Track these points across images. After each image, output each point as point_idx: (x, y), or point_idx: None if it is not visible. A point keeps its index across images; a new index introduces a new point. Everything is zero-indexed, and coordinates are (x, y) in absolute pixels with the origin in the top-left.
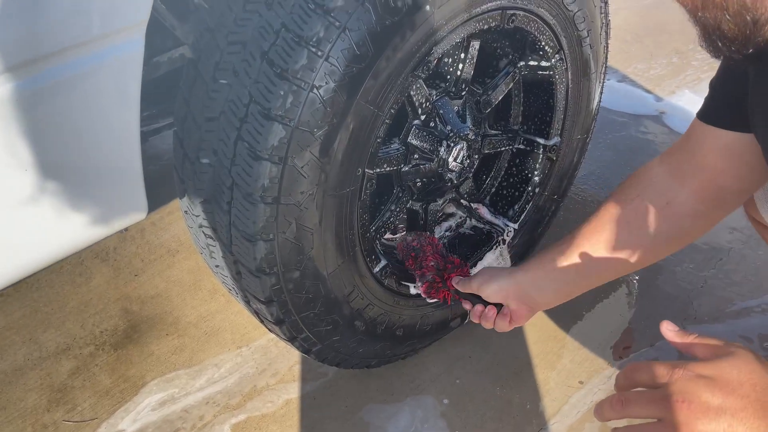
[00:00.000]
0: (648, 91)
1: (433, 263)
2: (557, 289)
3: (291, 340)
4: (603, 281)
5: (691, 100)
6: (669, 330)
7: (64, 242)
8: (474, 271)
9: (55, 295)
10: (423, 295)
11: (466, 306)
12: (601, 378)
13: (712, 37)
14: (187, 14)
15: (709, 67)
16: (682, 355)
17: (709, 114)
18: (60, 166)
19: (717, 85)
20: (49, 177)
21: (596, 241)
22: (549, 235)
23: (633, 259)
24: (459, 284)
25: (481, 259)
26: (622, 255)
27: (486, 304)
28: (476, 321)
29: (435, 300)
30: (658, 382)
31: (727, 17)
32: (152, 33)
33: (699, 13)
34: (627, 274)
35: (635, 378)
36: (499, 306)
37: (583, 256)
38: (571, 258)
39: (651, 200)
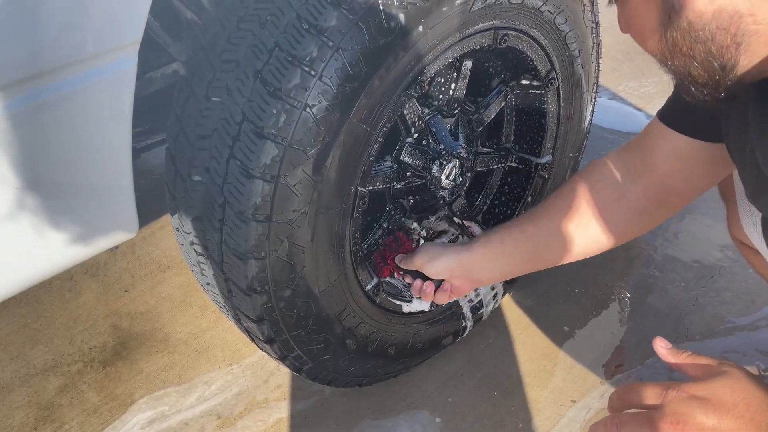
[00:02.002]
0: (639, 109)
1: (380, 248)
2: (501, 269)
3: (282, 358)
4: (546, 266)
5: None
6: (662, 347)
7: (52, 260)
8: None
9: (43, 311)
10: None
11: (407, 280)
12: (593, 396)
13: (684, 83)
14: (180, 31)
15: None
16: (673, 373)
17: (668, 116)
18: (50, 184)
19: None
20: (39, 194)
21: (545, 227)
22: None
23: (577, 248)
24: (402, 261)
25: None
26: (567, 243)
27: (425, 279)
28: (416, 295)
29: (385, 278)
30: (651, 403)
31: (696, 64)
32: (145, 49)
33: (669, 62)
34: (568, 262)
35: (628, 399)
36: (438, 281)
37: (530, 239)
38: (518, 240)
39: (604, 193)
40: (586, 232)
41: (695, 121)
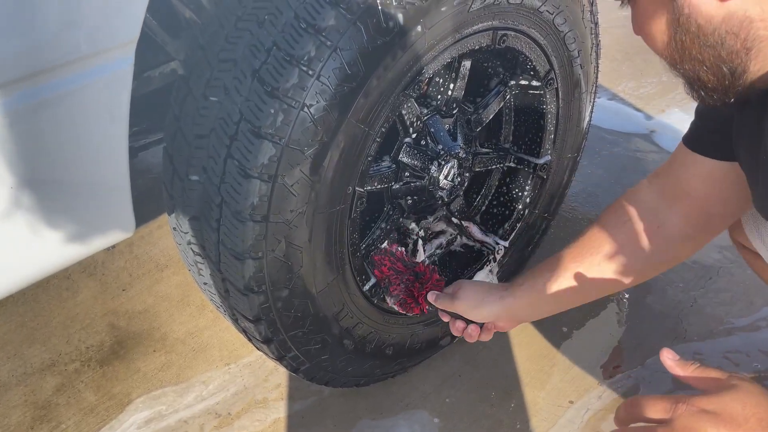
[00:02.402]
0: (638, 110)
1: (398, 281)
2: (548, 309)
3: (279, 359)
4: (592, 299)
5: (680, 118)
6: (669, 359)
7: (49, 259)
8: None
9: (40, 310)
10: (399, 310)
11: (444, 318)
12: (591, 397)
13: (694, 87)
14: (178, 30)
15: None
16: (674, 381)
17: (693, 141)
18: (46, 183)
19: (702, 113)
20: (36, 193)
21: (589, 264)
22: (539, 254)
23: (624, 280)
24: (438, 302)
25: (471, 277)
26: (613, 277)
27: (467, 320)
28: (457, 335)
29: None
30: (660, 417)
31: (705, 68)
32: (143, 47)
33: (678, 66)
34: (616, 292)
35: (637, 412)
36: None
37: (575, 278)
38: (562, 281)
39: (642, 223)
40: (629, 264)
41: (718, 143)
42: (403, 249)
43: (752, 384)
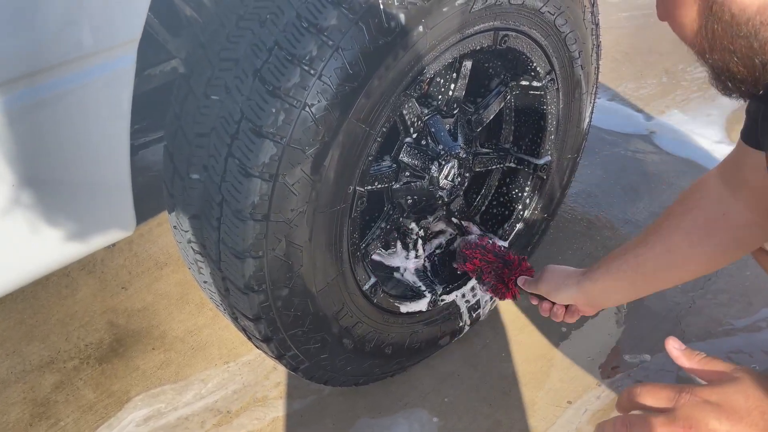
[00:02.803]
0: (638, 111)
1: (490, 270)
2: (623, 294)
3: (279, 357)
4: (666, 287)
5: (680, 119)
6: (675, 348)
7: (49, 258)
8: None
9: (40, 307)
10: (492, 295)
11: (533, 301)
12: (589, 398)
13: (721, 78)
14: (179, 28)
15: (698, 88)
16: (680, 371)
17: (745, 133)
18: (47, 181)
19: (750, 109)
20: (37, 192)
21: (660, 251)
22: (538, 254)
23: (695, 267)
24: (526, 285)
25: (471, 278)
26: (684, 263)
27: (553, 302)
28: (545, 315)
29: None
30: (662, 406)
31: (736, 59)
32: (144, 45)
33: (707, 56)
34: (692, 279)
35: (639, 400)
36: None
37: (647, 264)
38: (636, 267)
39: (708, 211)
40: (698, 251)
41: (762, 135)
42: (492, 240)
43: (757, 376)
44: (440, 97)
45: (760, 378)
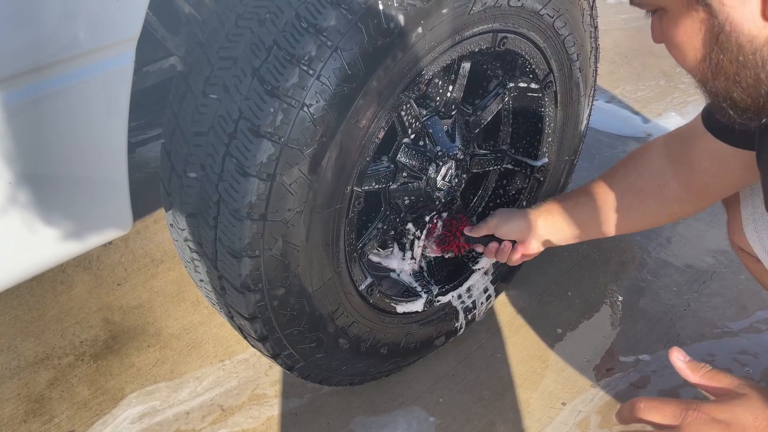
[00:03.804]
0: (635, 113)
1: (438, 222)
2: (567, 234)
3: (274, 356)
4: (608, 234)
5: (677, 122)
6: (679, 360)
7: (45, 255)
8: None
9: (35, 303)
10: (438, 253)
11: (478, 248)
12: (583, 399)
13: (722, 105)
14: (178, 26)
15: (695, 91)
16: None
17: (708, 120)
18: (45, 179)
19: None
20: (34, 189)
21: (597, 203)
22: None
23: (624, 225)
24: (473, 230)
25: (467, 279)
26: (615, 219)
27: (500, 242)
28: (492, 258)
29: (449, 253)
30: (669, 422)
31: (740, 90)
32: (142, 43)
33: (709, 84)
34: (630, 232)
35: (643, 416)
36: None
37: (584, 211)
38: (573, 210)
39: (645, 179)
40: (629, 212)
41: (730, 129)
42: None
43: (763, 393)
44: (438, 98)
45: (766, 393)
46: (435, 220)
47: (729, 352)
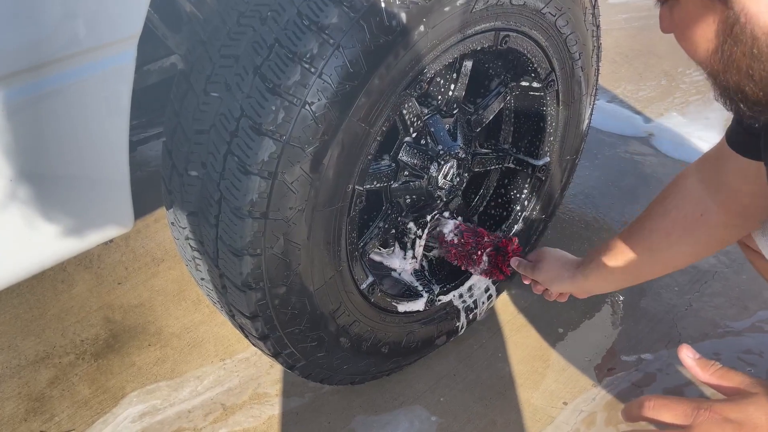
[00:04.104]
0: (637, 113)
1: (483, 256)
2: (615, 286)
3: (275, 355)
4: (649, 279)
5: (679, 122)
6: (688, 357)
7: (46, 253)
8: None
9: (35, 302)
10: (484, 277)
11: (525, 281)
12: (584, 398)
13: (732, 98)
14: (179, 24)
15: (697, 90)
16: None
17: (732, 138)
18: (46, 177)
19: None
20: (35, 187)
21: (642, 250)
22: None
23: (678, 262)
24: (522, 269)
25: (468, 277)
26: (666, 260)
27: None
28: (538, 293)
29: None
30: (680, 422)
31: (753, 83)
32: (143, 41)
33: (720, 76)
34: (683, 267)
35: (653, 415)
36: None
37: (633, 263)
38: (622, 263)
39: (686, 212)
40: (679, 249)
41: (752, 144)
42: (469, 224)
43: None
44: (440, 96)
45: None
46: (479, 253)
47: (734, 351)
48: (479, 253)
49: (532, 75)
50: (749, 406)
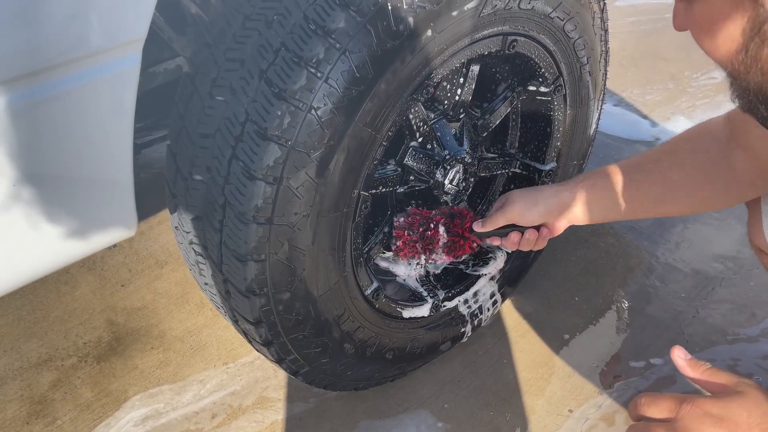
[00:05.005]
0: (643, 117)
1: (440, 227)
2: (603, 214)
3: (279, 361)
4: (648, 216)
5: (685, 126)
6: (680, 358)
7: (50, 257)
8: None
9: (38, 304)
10: (449, 260)
11: (495, 242)
12: (590, 406)
13: (751, 99)
14: (185, 27)
15: (704, 95)
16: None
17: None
18: (51, 180)
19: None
20: (39, 190)
21: (655, 181)
22: (540, 261)
23: (684, 207)
24: (486, 224)
25: (473, 283)
26: (675, 200)
27: (520, 228)
28: (513, 249)
29: (462, 257)
30: (665, 416)
31: None
32: (148, 43)
33: (742, 76)
34: (674, 215)
35: (642, 411)
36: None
37: (641, 190)
38: (624, 189)
39: (716, 159)
40: (694, 193)
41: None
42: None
43: (761, 392)
44: (446, 101)
45: (765, 394)
46: (432, 226)
47: (752, 357)
48: (432, 226)
49: (540, 79)
50: (732, 404)
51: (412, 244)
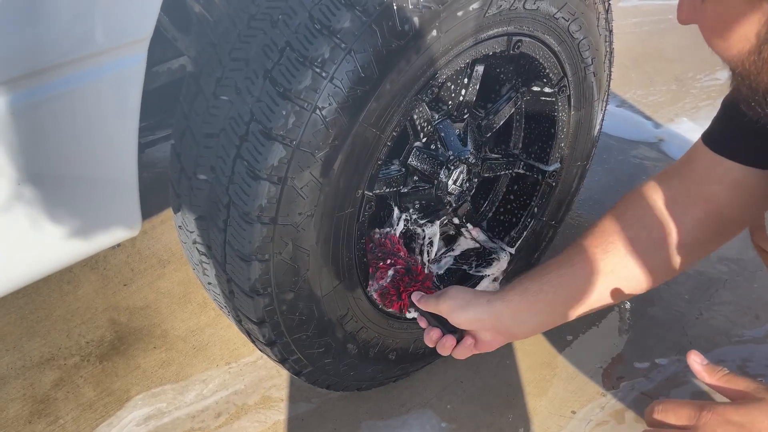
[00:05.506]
0: (647, 118)
1: (390, 270)
2: (540, 321)
3: (282, 361)
4: (589, 311)
5: (689, 128)
6: (696, 363)
7: (54, 257)
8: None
9: (41, 303)
10: (377, 300)
11: (422, 324)
12: (593, 407)
13: (758, 101)
14: (189, 26)
15: (708, 96)
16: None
17: (719, 143)
18: (54, 179)
19: (730, 109)
20: (43, 189)
21: (590, 271)
22: (544, 261)
23: (626, 290)
24: (421, 301)
25: (477, 284)
26: (615, 286)
27: (445, 328)
28: (430, 345)
29: (388, 308)
30: (684, 423)
31: None
32: (153, 42)
33: (751, 77)
34: (617, 303)
35: (660, 418)
36: (460, 334)
37: (573, 287)
38: (558, 289)
39: (651, 229)
40: (630, 274)
41: (749, 147)
42: (401, 241)
43: None
44: (451, 101)
45: None
46: (387, 262)
47: (762, 358)
48: (387, 262)
49: (544, 80)
50: (753, 410)
51: (372, 261)
